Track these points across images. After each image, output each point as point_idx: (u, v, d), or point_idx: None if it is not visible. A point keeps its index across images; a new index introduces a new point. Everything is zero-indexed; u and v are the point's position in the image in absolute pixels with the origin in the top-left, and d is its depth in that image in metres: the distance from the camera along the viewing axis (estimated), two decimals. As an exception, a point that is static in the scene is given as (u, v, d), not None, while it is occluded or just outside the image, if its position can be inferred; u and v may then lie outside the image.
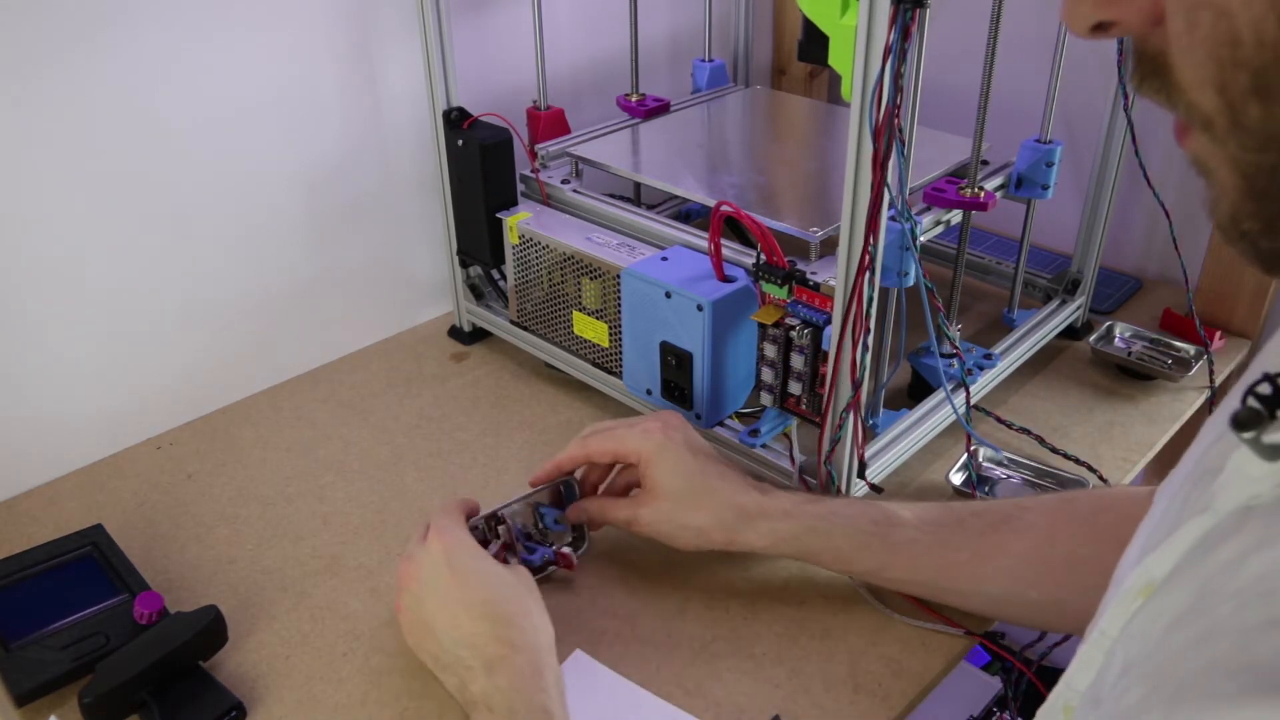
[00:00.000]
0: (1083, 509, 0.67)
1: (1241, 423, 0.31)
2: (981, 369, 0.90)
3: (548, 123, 1.03)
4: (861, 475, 0.77)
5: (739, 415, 0.87)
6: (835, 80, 1.35)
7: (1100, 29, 0.32)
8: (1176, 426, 0.92)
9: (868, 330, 0.70)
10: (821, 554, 0.70)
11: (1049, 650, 0.79)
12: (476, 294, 1.05)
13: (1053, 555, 0.65)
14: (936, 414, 0.86)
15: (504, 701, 0.59)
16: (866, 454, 0.77)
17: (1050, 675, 0.52)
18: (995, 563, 0.67)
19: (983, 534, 0.68)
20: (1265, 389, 0.32)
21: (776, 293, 0.77)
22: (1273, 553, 0.30)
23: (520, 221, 0.93)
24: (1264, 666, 0.28)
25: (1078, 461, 0.85)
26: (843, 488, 0.77)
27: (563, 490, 0.77)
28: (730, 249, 0.83)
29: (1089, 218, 0.99)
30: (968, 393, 0.84)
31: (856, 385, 0.71)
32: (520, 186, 0.99)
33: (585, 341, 0.92)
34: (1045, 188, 0.90)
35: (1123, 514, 0.65)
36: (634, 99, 1.09)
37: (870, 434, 0.83)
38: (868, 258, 0.67)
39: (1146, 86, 0.32)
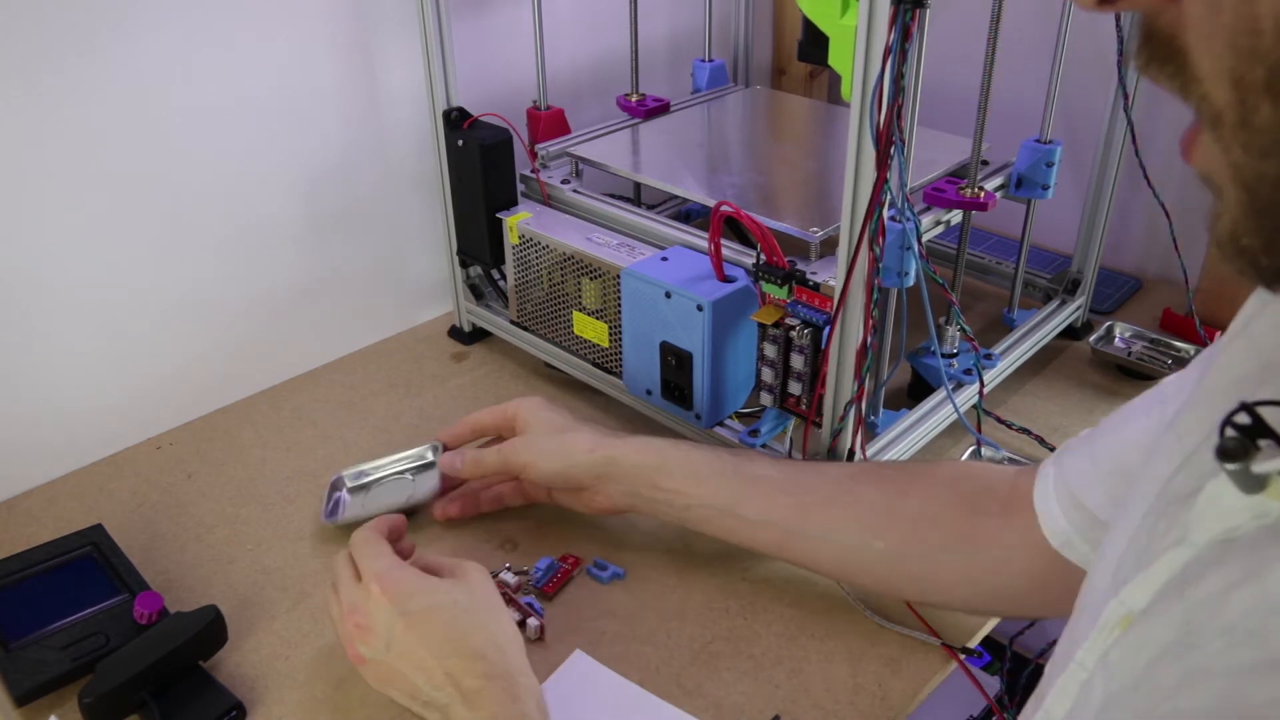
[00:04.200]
0: (942, 472, 0.68)
1: (1229, 454, 0.30)
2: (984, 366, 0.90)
3: (548, 123, 1.03)
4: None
5: (739, 415, 0.87)
6: (835, 80, 1.34)
7: (1107, 1, 0.30)
8: (1176, 426, 0.92)
9: (874, 329, 0.70)
10: (678, 474, 0.71)
11: (1046, 648, 0.79)
12: (476, 294, 1.05)
13: (904, 507, 0.66)
14: (936, 414, 0.86)
15: None
16: (867, 454, 0.78)
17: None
18: (846, 508, 0.67)
19: (838, 481, 0.69)
20: (1244, 419, 0.30)
21: (776, 293, 0.77)
22: (1259, 587, 0.30)
23: (520, 221, 0.93)
24: (1259, 718, 0.27)
25: (1078, 461, 0.85)
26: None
27: (430, 455, 0.84)
28: (730, 249, 0.83)
29: (1089, 218, 0.99)
30: (981, 383, 0.84)
31: (862, 379, 0.72)
32: (520, 186, 0.99)
33: (585, 341, 0.92)
34: (1045, 188, 0.90)
35: (982, 485, 0.65)
36: (634, 99, 1.09)
37: (870, 434, 0.83)
38: (876, 257, 0.67)
39: (1154, 69, 0.30)
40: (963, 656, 0.69)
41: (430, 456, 0.83)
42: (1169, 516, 0.37)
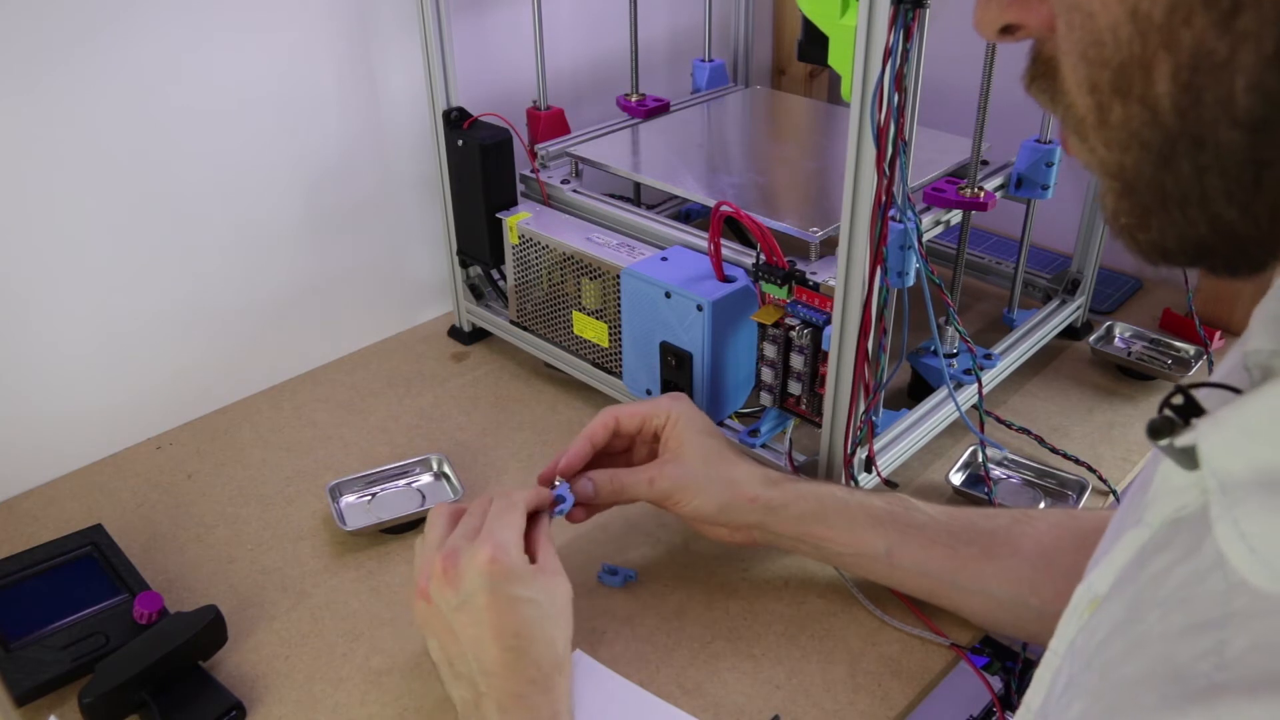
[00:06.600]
0: (1085, 524, 0.68)
1: (1155, 430, 0.33)
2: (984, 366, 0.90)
3: (548, 123, 1.03)
4: (869, 469, 0.78)
5: (739, 415, 0.87)
6: (835, 80, 1.34)
7: (1007, 33, 0.34)
8: (1176, 426, 0.92)
9: (885, 331, 0.70)
10: (835, 522, 0.69)
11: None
12: (476, 294, 1.05)
13: (1056, 563, 0.65)
14: (937, 414, 0.86)
15: None
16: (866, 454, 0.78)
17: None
18: (1003, 561, 0.67)
19: (993, 533, 0.68)
20: (1179, 399, 0.33)
21: (776, 293, 0.77)
22: (1194, 562, 0.32)
23: (520, 221, 0.93)
24: (1185, 674, 0.29)
25: (1077, 461, 0.85)
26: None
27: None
28: (730, 249, 0.83)
29: (1089, 218, 0.99)
30: (980, 385, 0.84)
31: (875, 388, 0.71)
32: (520, 186, 0.99)
33: (585, 341, 0.92)
34: (1045, 188, 0.90)
35: None
36: (634, 99, 1.09)
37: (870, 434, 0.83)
38: (880, 257, 0.67)
39: (1035, 87, 0.34)
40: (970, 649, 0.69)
41: (439, 468, 0.86)
42: (1134, 501, 0.39)
